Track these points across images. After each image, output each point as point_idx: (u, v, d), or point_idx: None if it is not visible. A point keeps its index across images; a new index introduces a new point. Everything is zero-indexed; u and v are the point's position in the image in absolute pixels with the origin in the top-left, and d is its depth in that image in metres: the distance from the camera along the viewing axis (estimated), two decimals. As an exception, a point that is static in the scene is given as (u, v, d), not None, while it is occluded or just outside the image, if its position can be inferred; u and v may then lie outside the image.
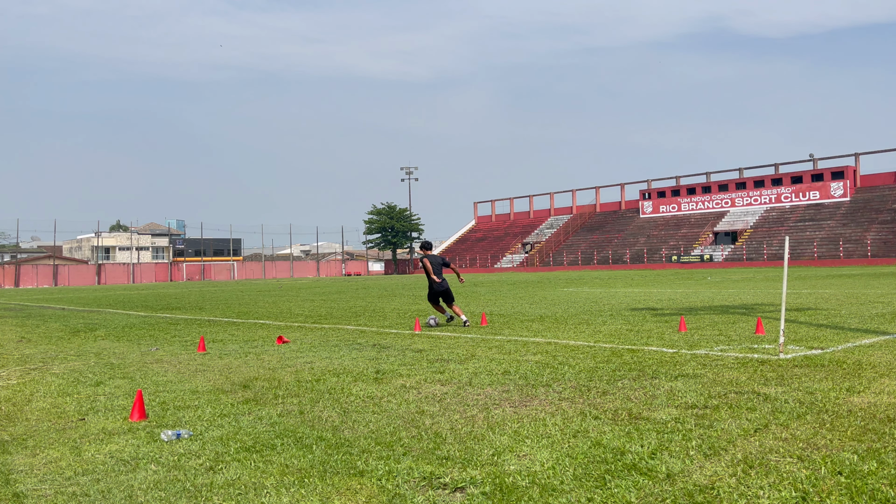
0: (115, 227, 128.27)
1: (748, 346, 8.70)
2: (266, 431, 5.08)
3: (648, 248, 75.98)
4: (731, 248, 69.48)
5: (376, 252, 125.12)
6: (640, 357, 8.00)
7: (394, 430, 4.97)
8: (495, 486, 3.74)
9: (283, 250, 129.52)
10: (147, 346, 10.96)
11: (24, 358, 9.89)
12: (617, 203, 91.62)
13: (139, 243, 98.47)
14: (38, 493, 3.91)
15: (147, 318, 17.20)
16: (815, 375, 6.52)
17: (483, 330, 11.80)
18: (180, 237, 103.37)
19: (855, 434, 4.49)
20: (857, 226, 64.22)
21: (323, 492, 3.75)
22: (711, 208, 79.16)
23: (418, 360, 8.30)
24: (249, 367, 8.26)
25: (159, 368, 8.41)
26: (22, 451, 4.80)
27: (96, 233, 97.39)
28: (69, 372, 8.34)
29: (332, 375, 7.41)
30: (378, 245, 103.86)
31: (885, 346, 8.44)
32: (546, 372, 7.17)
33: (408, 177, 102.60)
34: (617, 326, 11.60)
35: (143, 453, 4.62)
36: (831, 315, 12.62)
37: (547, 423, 5.02)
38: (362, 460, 4.28)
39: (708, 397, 5.70)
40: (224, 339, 11.65)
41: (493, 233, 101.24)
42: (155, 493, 3.82)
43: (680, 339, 9.65)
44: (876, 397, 5.54)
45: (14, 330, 14.90)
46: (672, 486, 3.64)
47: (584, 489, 3.65)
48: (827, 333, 9.77)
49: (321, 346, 10.24)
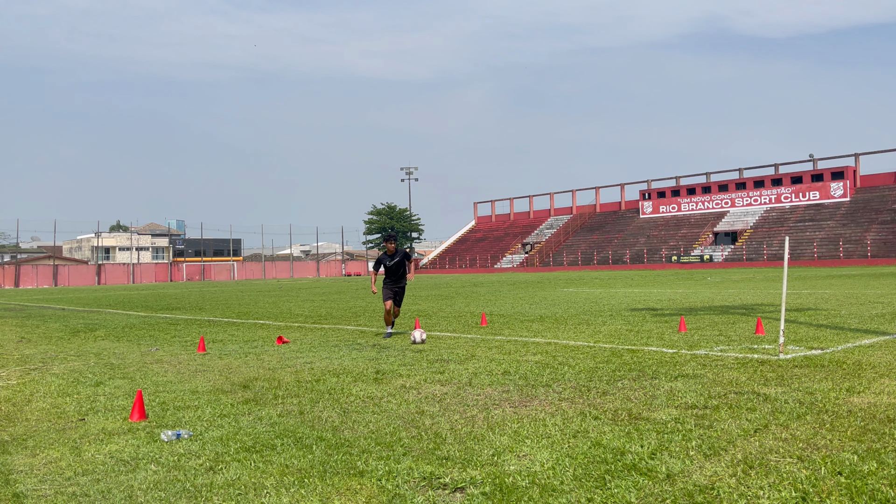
0: (115, 227, 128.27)
1: (748, 346, 8.70)
2: (266, 431, 5.08)
3: (648, 248, 75.96)
4: (731, 249, 69.47)
5: (376, 252, 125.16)
6: (640, 357, 8.00)
7: (394, 431, 4.97)
8: (495, 486, 3.74)
9: (283, 250, 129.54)
10: (147, 346, 10.96)
11: (24, 358, 9.88)
12: (617, 203, 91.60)
13: (139, 243, 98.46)
14: (38, 493, 3.91)
15: (147, 319, 17.20)
16: (815, 376, 6.52)
17: (483, 330, 11.79)
18: (180, 237, 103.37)
19: (855, 434, 4.49)
20: (857, 226, 64.20)
21: (323, 492, 3.75)
22: (711, 208, 79.15)
23: (418, 361, 8.30)
24: (249, 367, 8.26)
25: (159, 369, 8.41)
26: (22, 451, 4.80)
27: (96, 233, 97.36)
28: (69, 372, 8.34)
29: (332, 375, 7.41)
30: (378, 245, 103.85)
31: (885, 346, 8.44)
32: (546, 372, 7.17)
33: (408, 177, 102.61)
34: (617, 327, 11.59)
35: (143, 453, 4.61)
36: (831, 315, 12.61)
37: (547, 424, 5.02)
38: (362, 460, 4.27)
39: (708, 397, 5.70)
40: (224, 339, 11.65)
41: (493, 233, 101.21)
42: (155, 494, 3.82)
43: (680, 339, 9.65)
44: (876, 397, 5.54)
45: (14, 330, 14.89)
46: (672, 487, 3.64)
47: (584, 489, 3.65)
48: (827, 334, 9.77)
49: (321, 346, 10.24)
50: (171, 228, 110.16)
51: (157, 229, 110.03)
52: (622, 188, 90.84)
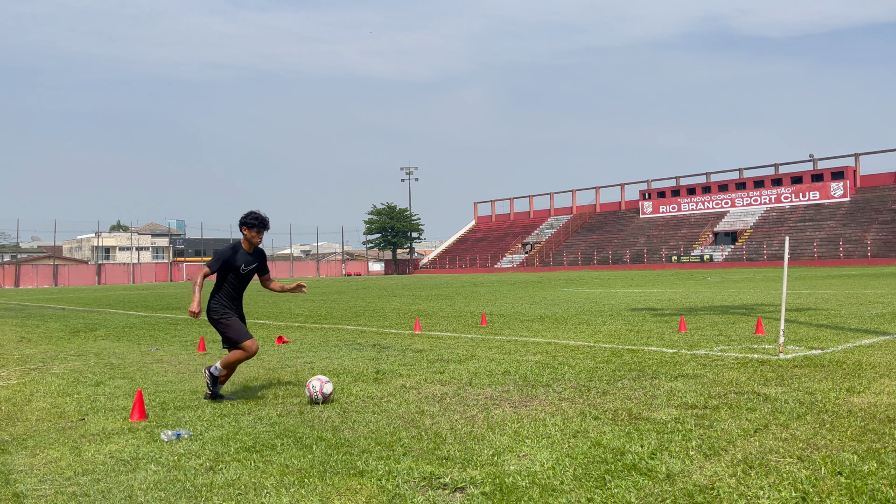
0: (115, 227, 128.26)
1: (748, 346, 8.70)
2: (266, 431, 5.08)
3: (648, 248, 75.96)
4: (731, 249, 69.46)
5: (376, 252, 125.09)
6: (640, 357, 8.00)
7: (394, 430, 4.97)
8: (495, 486, 3.74)
9: (283, 250, 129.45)
10: (147, 346, 10.96)
11: (24, 358, 9.88)
12: (617, 203, 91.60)
13: (139, 243, 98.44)
14: (38, 493, 3.90)
15: (147, 318, 17.20)
16: (815, 376, 6.52)
17: (483, 330, 11.79)
18: (180, 237, 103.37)
19: (855, 434, 4.49)
20: (857, 226, 64.19)
21: (323, 492, 3.75)
22: (711, 208, 79.14)
23: (418, 360, 8.30)
24: (249, 367, 8.26)
25: (159, 368, 8.41)
26: (22, 451, 4.80)
27: (96, 233, 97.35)
28: (69, 372, 8.34)
29: (332, 375, 7.40)
30: (378, 245, 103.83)
31: (885, 346, 8.44)
32: (546, 372, 7.17)
33: (408, 177, 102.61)
34: (617, 326, 11.59)
35: (143, 453, 4.61)
36: (831, 315, 12.61)
37: (547, 423, 5.02)
38: (362, 460, 4.27)
39: (708, 397, 5.70)
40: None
41: (493, 233, 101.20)
42: (155, 493, 3.82)
43: (680, 339, 9.65)
44: (876, 397, 5.54)
45: (14, 330, 14.89)
46: (672, 486, 3.64)
47: (584, 489, 3.65)
48: (827, 334, 9.77)
49: (321, 346, 10.24)
50: (171, 228, 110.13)
51: (157, 229, 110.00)
52: (622, 188, 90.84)
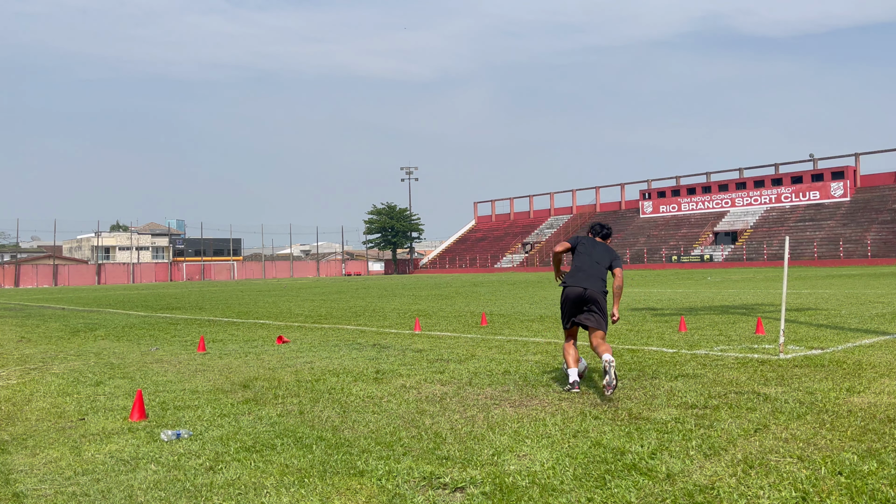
0: (115, 227, 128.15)
1: (748, 346, 8.70)
2: (266, 431, 5.08)
3: (648, 248, 75.95)
4: (731, 248, 69.46)
5: (376, 252, 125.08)
6: (640, 357, 8.00)
7: (394, 430, 4.97)
8: (495, 486, 3.74)
9: (283, 250, 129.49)
10: (147, 346, 10.96)
11: (24, 358, 9.88)
12: (617, 203, 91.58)
13: (139, 243, 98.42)
14: (38, 493, 3.90)
15: (147, 318, 17.20)
16: (815, 375, 6.52)
17: (483, 330, 11.79)
18: (180, 237, 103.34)
19: (855, 434, 4.49)
20: (857, 226, 64.19)
21: (323, 492, 3.75)
22: (711, 208, 79.13)
23: (418, 360, 8.30)
24: (249, 367, 8.26)
25: (159, 368, 8.41)
26: (22, 451, 4.80)
27: (96, 233, 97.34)
28: (69, 372, 8.34)
29: (332, 375, 7.40)
30: (378, 245, 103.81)
31: (885, 346, 8.44)
32: (546, 372, 7.17)
33: (408, 177, 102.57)
34: (617, 326, 11.59)
35: (143, 453, 4.61)
36: (831, 315, 12.61)
37: (547, 423, 5.02)
38: (362, 460, 4.27)
39: (708, 397, 5.70)
40: (224, 339, 11.64)
41: (493, 233, 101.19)
42: (155, 493, 3.82)
43: (680, 339, 9.64)
44: (876, 397, 5.54)
45: (14, 330, 14.89)
46: (672, 486, 3.64)
47: (584, 489, 3.65)
48: (827, 333, 9.77)
49: (321, 346, 10.23)
50: (171, 228, 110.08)
51: (157, 229, 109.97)
52: (622, 188, 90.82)
